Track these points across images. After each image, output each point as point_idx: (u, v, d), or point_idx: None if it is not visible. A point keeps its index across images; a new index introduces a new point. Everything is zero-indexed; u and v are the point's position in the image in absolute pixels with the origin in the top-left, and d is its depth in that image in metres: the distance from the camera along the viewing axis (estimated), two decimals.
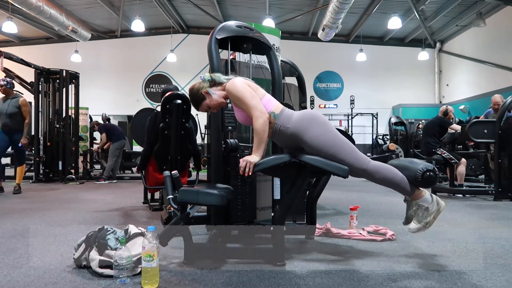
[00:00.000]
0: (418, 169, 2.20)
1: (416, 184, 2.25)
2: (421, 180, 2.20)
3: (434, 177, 2.20)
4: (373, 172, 2.22)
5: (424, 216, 2.26)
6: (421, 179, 2.19)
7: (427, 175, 2.19)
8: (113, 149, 7.96)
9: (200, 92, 2.34)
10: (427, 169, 2.19)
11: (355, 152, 2.22)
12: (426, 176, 2.19)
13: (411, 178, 2.24)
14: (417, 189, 2.28)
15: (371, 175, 2.23)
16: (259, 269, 2.21)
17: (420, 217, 2.27)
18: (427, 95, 15.03)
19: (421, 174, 2.19)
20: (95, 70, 14.83)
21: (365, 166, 2.21)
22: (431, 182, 2.21)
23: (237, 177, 2.81)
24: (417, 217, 2.28)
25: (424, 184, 2.22)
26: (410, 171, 2.24)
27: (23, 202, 5.01)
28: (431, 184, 2.24)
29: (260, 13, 12.13)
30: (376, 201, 5.13)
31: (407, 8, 11.87)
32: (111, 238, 2.18)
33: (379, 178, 2.24)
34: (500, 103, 6.14)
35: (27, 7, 10.18)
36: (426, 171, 2.19)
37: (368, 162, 2.22)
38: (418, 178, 2.20)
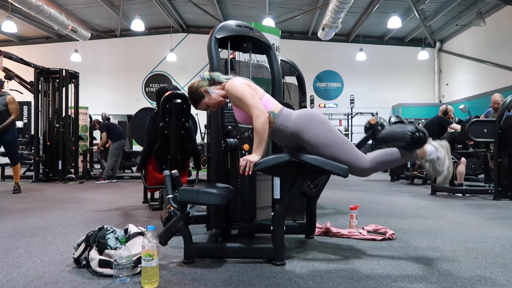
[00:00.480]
0: (407, 133, 2.21)
1: (408, 147, 2.26)
2: (411, 143, 2.22)
3: (423, 137, 2.22)
4: (372, 166, 2.24)
5: (440, 164, 2.29)
6: (411, 141, 2.21)
7: (416, 136, 2.20)
8: (113, 148, 7.96)
9: (199, 91, 2.34)
10: (415, 130, 2.21)
11: (354, 151, 2.23)
12: (415, 138, 2.20)
13: (403, 145, 2.26)
14: (416, 150, 2.29)
15: (372, 169, 2.25)
16: (259, 268, 2.21)
17: (439, 167, 2.30)
18: (427, 95, 15.04)
19: (410, 137, 2.20)
20: (95, 70, 14.82)
21: (365, 165, 2.22)
22: (421, 142, 2.23)
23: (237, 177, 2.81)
24: (437, 170, 2.32)
25: (415, 145, 2.24)
26: (399, 139, 2.26)
27: (23, 201, 5.01)
28: (423, 143, 2.25)
29: (260, 13, 12.13)
30: (376, 201, 5.14)
31: (407, 8, 11.87)
32: (111, 237, 2.18)
33: (380, 167, 2.28)
34: (499, 102, 6.14)
35: (26, 6, 10.18)
36: (414, 132, 2.20)
37: (366, 159, 2.24)
38: (409, 141, 2.21)
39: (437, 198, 5.46)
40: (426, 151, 2.30)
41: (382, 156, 2.27)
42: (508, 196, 5.21)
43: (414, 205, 4.81)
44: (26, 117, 14.04)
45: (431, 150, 2.31)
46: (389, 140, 2.38)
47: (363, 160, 2.22)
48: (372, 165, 2.23)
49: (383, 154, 2.27)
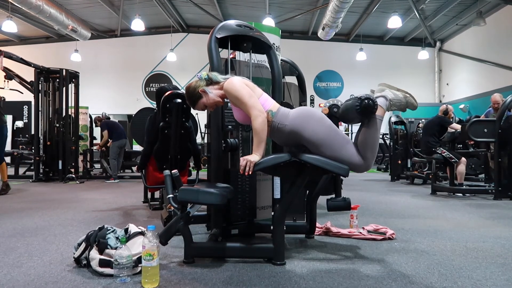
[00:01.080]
0: (355, 105, 2.22)
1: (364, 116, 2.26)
2: (362, 111, 2.22)
3: (371, 103, 2.21)
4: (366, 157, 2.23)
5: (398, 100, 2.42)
6: (361, 110, 2.21)
7: (365, 103, 2.20)
8: (114, 148, 7.98)
9: (196, 91, 2.34)
10: (361, 100, 2.21)
11: (352, 147, 2.24)
12: (364, 105, 2.20)
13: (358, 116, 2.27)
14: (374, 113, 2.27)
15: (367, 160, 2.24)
16: (259, 268, 2.21)
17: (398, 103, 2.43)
18: (427, 94, 15.03)
19: (359, 106, 2.21)
20: (95, 70, 14.82)
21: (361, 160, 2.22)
22: (371, 107, 2.21)
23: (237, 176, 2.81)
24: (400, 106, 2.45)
25: (368, 112, 2.23)
26: (353, 113, 2.27)
27: (23, 201, 5.02)
28: (373, 108, 2.23)
29: (260, 12, 12.13)
30: (376, 200, 5.14)
31: (407, 7, 11.87)
32: (111, 237, 2.18)
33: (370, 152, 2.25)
34: (499, 102, 6.14)
35: (26, 6, 10.18)
36: (361, 101, 2.20)
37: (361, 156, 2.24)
38: (359, 111, 2.22)
39: (437, 198, 5.46)
40: (382, 108, 2.35)
41: (362, 143, 2.27)
42: (508, 196, 5.21)
43: (414, 204, 4.81)
44: (27, 116, 14.05)
45: (382, 101, 2.36)
46: (349, 118, 2.44)
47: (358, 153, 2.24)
48: (365, 157, 2.23)
49: (361, 141, 2.28)
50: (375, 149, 2.29)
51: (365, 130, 2.28)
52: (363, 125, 2.31)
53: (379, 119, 2.31)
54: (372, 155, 2.26)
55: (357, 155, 2.22)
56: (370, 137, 2.27)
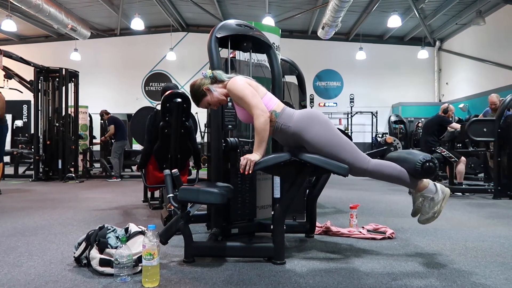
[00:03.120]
0: (418, 160, 2.20)
1: (416, 175, 2.25)
2: (421, 171, 2.20)
3: (434, 167, 2.20)
4: (373, 171, 2.24)
5: (431, 206, 2.27)
6: (421, 170, 2.19)
7: (427, 165, 2.19)
8: (116, 147, 8.02)
9: (201, 89, 2.34)
10: (426, 160, 2.20)
11: (355, 152, 2.23)
12: (425, 167, 2.19)
13: (410, 170, 2.24)
14: (420, 180, 2.28)
15: (372, 174, 2.24)
16: (259, 267, 2.21)
17: (427, 208, 2.28)
18: (426, 94, 15.03)
19: (420, 165, 2.19)
20: (95, 69, 14.80)
21: (366, 166, 2.22)
22: (431, 172, 2.20)
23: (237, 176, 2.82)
24: (424, 208, 2.30)
25: (424, 175, 2.22)
26: (409, 163, 2.25)
27: (23, 200, 5.02)
28: (431, 175, 2.23)
29: (259, 12, 12.12)
30: (376, 200, 5.14)
31: (406, 7, 11.86)
32: (112, 236, 2.18)
33: (380, 175, 2.26)
34: (496, 102, 6.14)
35: (26, 5, 10.16)
36: (425, 161, 2.19)
37: (369, 162, 2.23)
38: (418, 169, 2.20)
39: None
40: (426, 186, 2.29)
41: (388, 167, 2.26)
42: (507, 195, 5.22)
43: None
44: (26, 116, 14.04)
45: (431, 188, 2.29)
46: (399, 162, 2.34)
47: (366, 161, 2.23)
48: (374, 169, 2.23)
49: (389, 166, 2.27)
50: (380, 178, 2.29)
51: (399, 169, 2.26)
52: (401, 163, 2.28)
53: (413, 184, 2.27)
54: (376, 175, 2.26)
55: (360, 160, 2.22)
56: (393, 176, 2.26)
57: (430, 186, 2.29)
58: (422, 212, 2.31)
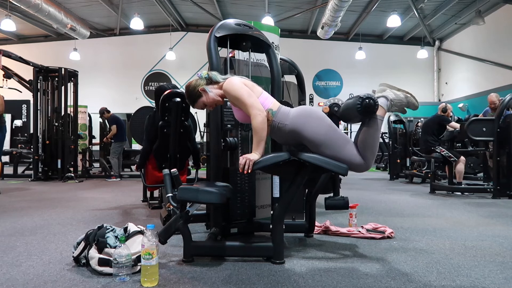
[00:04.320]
0: (356, 104, 2.23)
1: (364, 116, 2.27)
2: (363, 111, 2.23)
3: (372, 102, 2.22)
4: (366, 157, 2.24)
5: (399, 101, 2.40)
6: (363, 110, 2.22)
7: (366, 103, 2.21)
8: (115, 147, 8.02)
9: (197, 90, 2.34)
10: (362, 99, 2.22)
11: (353, 146, 2.24)
12: (365, 105, 2.21)
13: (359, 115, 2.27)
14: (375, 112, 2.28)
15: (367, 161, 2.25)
16: (258, 267, 2.21)
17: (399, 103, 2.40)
18: (426, 93, 15.03)
19: (360, 106, 2.22)
20: (94, 68, 14.79)
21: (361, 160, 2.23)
22: (372, 107, 2.23)
23: (237, 175, 2.81)
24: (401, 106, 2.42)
25: (369, 112, 2.25)
26: (354, 112, 2.28)
27: (22, 200, 5.01)
28: (374, 108, 2.24)
29: (259, 11, 12.11)
30: (375, 199, 5.14)
31: (406, 6, 11.86)
32: (111, 236, 2.18)
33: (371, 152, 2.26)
34: (496, 102, 6.15)
35: (25, 4, 10.15)
36: (362, 101, 2.21)
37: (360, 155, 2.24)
38: (360, 110, 2.23)
39: (436, 197, 5.47)
40: (383, 108, 2.35)
41: (362, 143, 2.27)
42: (507, 195, 5.22)
43: (413, 203, 4.82)
44: (25, 115, 14.03)
45: (383, 102, 2.36)
46: (350, 117, 2.44)
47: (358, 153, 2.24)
48: (365, 157, 2.24)
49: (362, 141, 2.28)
50: (375, 149, 2.30)
51: (365, 130, 2.29)
52: (363, 124, 2.31)
53: (380, 119, 2.31)
54: (372, 155, 2.27)
55: (357, 154, 2.23)
56: (370, 137, 2.28)
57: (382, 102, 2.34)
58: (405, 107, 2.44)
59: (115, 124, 8.09)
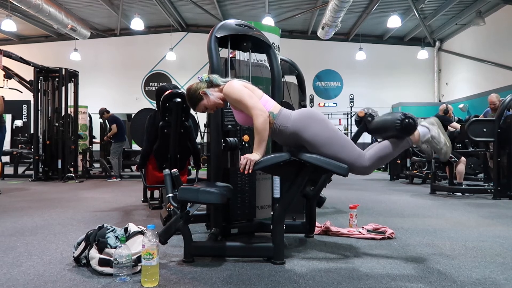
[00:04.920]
0: (396, 119, 2.22)
1: (400, 135, 2.27)
2: (401, 129, 2.22)
3: (413, 123, 2.22)
4: (372, 164, 2.24)
5: (437, 142, 2.32)
6: (401, 127, 2.22)
7: (406, 122, 2.21)
8: (115, 147, 8.04)
9: (197, 93, 2.34)
10: (404, 117, 2.21)
11: (355, 149, 2.23)
12: (405, 124, 2.21)
13: (395, 134, 2.27)
14: (410, 136, 2.29)
15: (373, 167, 2.25)
16: (259, 267, 2.21)
17: (436, 145, 2.33)
18: (426, 94, 15.04)
19: (400, 123, 2.21)
20: (94, 69, 14.80)
21: (365, 163, 2.22)
22: (411, 127, 2.23)
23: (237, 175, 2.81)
24: (435, 148, 2.34)
25: (405, 131, 2.24)
26: (391, 129, 2.27)
27: (22, 200, 5.01)
28: (413, 129, 2.25)
29: (259, 12, 12.12)
30: (376, 200, 5.14)
31: (406, 7, 11.86)
32: (111, 236, 2.18)
33: (380, 163, 2.28)
34: (496, 102, 6.15)
35: (26, 5, 10.16)
36: (403, 119, 2.21)
37: (365, 157, 2.24)
38: (398, 128, 2.22)
39: (437, 197, 5.46)
40: (419, 134, 2.33)
41: (379, 151, 2.27)
42: (507, 196, 5.21)
43: (413, 204, 4.82)
44: (26, 116, 14.03)
45: (423, 131, 2.33)
46: (382, 130, 2.41)
47: (364, 158, 2.23)
48: (371, 162, 2.24)
49: (380, 149, 2.28)
50: (384, 162, 2.31)
51: (389, 144, 2.28)
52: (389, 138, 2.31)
53: (409, 142, 2.30)
54: (378, 165, 2.28)
55: (360, 158, 2.22)
56: (389, 153, 2.27)
57: (422, 130, 2.33)
58: (436, 152, 2.36)
59: (115, 124, 8.12)
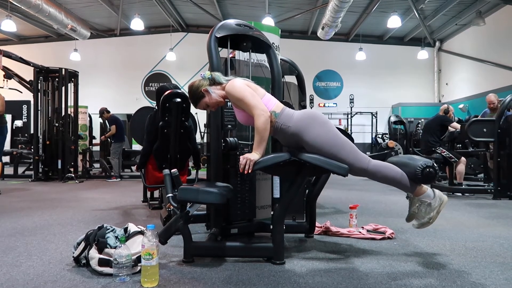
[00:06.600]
0: (418, 166, 2.20)
1: (416, 180, 2.25)
2: (421, 177, 2.20)
3: (434, 173, 2.20)
4: (374, 171, 2.24)
5: (427, 211, 2.28)
6: (421, 175, 2.20)
7: (427, 171, 2.19)
8: (115, 147, 8.05)
9: (199, 90, 2.34)
10: (427, 165, 2.20)
11: (355, 152, 2.23)
12: (426, 172, 2.19)
13: (411, 174, 2.24)
14: (418, 185, 2.29)
15: (372, 174, 2.25)
16: (259, 267, 2.21)
17: (423, 212, 2.28)
18: (426, 94, 15.03)
19: (420, 171, 2.19)
20: (94, 69, 14.80)
21: (366, 166, 2.22)
22: (431, 178, 2.21)
23: (237, 176, 2.81)
24: (420, 213, 2.30)
25: (424, 180, 2.23)
26: (409, 168, 2.25)
27: (22, 200, 5.01)
28: (431, 180, 2.24)
29: (259, 12, 12.12)
30: (376, 200, 5.14)
31: (406, 7, 11.87)
32: (111, 236, 2.18)
33: (380, 177, 2.26)
34: (494, 102, 6.15)
35: (26, 5, 10.16)
36: (426, 167, 2.19)
37: (369, 162, 2.23)
38: (418, 174, 2.20)
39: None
40: (425, 191, 2.29)
41: (388, 169, 2.26)
42: (507, 196, 5.21)
43: None
44: (26, 116, 14.03)
45: (429, 194, 2.30)
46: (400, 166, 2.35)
47: (366, 161, 2.23)
48: (374, 169, 2.23)
49: (390, 168, 2.27)
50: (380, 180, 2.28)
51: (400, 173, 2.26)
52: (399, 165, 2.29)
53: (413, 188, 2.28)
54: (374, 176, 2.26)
55: (360, 160, 2.22)
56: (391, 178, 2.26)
57: (429, 191, 2.30)
58: (417, 217, 2.32)
59: (114, 125, 8.13)
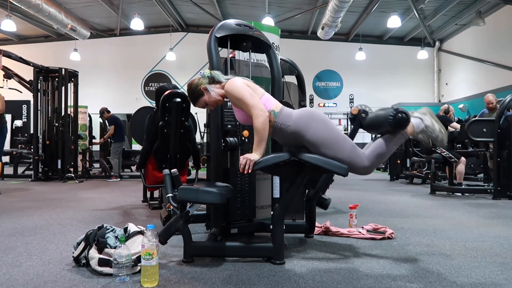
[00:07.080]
0: (389, 115, 2.26)
1: (393, 129, 2.29)
2: (394, 124, 2.26)
3: (405, 117, 2.26)
4: (372, 163, 2.25)
5: (431, 130, 2.34)
6: (394, 122, 2.25)
7: (398, 117, 2.25)
8: (115, 147, 8.05)
9: (198, 88, 2.34)
10: (396, 112, 2.25)
11: (355, 149, 2.24)
12: (397, 119, 2.25)
13: (387, 127, 2.29)
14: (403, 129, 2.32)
15: (373, 166, 2.26)
16: (259, 267, 2.21)
17: (432, 133, 2.35)
18: (426, 94, 15.04)
19: (392, 120, 2.24)
20: (94, 69, 14.80)
21: (365, 163, 2.23)
22: (404, 121, 2.27)
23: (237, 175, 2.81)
24: (431, 137, 2.36)
25: (399, 126, 2.28)
26: (384, 125, 2.30)
27: (22, 200, 5.01)
28: (406, 123, 2.29)
29: (259, 12, 12.12)
30: (376, 200, 5.14)
31: (406, 7, 11.87)
32: (111, 236, 2.18)
33: (380, 160, 2.30)
34: (493, 101, 6.16)
35: (26, 5, 10.16)
36: (396, 114, 2.24)
37: (365, 157, 2.25)
38: (392, 124, 2.25)
39: (437, 198, 5.46)
40: (413, 125, 2.35)
41: (376, 148, 2.29)
42: (507, 196, 5.21)
43: (413, 204, 4.82)
44: (26, 116, 14.03)
45: (417, 122, 2.35)
46: (376, 126, 2.44)
47: (363, 157, 2.24)
48: (371, 161, 2.25)
49: (377, 147, 2.30)
50: (384, 159, 2.34)
51: (385, 140, 2.30)
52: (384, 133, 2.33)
53: (405, 136, 2.34)
54: (378, 162, 2.30)
55: (360, 157, 2.23)
56: (387, 149, 2.30)
57: (415, 121, 2.35)
58: (432, 140, 2.39)
59: (113, 125, 8.13)
